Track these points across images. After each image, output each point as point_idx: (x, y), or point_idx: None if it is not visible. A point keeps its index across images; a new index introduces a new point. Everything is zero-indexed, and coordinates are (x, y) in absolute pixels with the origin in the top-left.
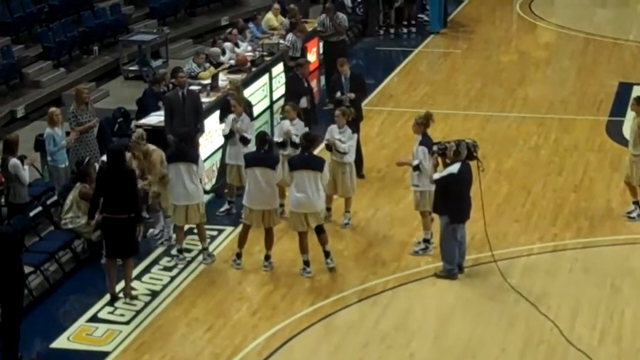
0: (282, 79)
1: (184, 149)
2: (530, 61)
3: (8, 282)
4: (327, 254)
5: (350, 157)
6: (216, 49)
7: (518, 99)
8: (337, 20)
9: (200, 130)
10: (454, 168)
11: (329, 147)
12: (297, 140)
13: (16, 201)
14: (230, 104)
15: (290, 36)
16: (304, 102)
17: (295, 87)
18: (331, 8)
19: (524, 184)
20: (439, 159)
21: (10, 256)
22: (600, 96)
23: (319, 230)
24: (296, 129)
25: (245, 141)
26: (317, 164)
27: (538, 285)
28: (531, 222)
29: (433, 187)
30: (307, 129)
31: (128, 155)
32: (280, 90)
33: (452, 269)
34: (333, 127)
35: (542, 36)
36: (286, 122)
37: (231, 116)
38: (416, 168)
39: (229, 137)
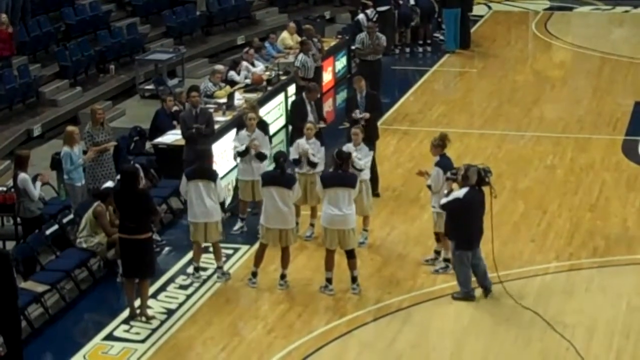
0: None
1: (202, 167)
2: (546, 80)
3: (2, 302)
4: (354, 279)
5: (366, 175)
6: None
7: (534, 118)
8: (377, 40)
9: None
10: (460, 193)
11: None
12: (314, 159)
13: (26, 216)
14: (246, 121)
15: (301, 56)
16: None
17: (298, 110)
18: (373, 27)
19: (540, 204)
20: (454, 185)
21: (4, 276)
22: (616, 115)
23: (349, 255)
24: (312, 147)
25: (262, 157)
26: (350, 181)
27: (554, 304)
28: (547, 241)
29: None
30: (323, 148)
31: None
32: None
33: (468, 291)
34: (349, 145)
35: (558, 55)
36: (302, 141)
37: (243, 132)
38: (429, 187)
39: (243, 154)
